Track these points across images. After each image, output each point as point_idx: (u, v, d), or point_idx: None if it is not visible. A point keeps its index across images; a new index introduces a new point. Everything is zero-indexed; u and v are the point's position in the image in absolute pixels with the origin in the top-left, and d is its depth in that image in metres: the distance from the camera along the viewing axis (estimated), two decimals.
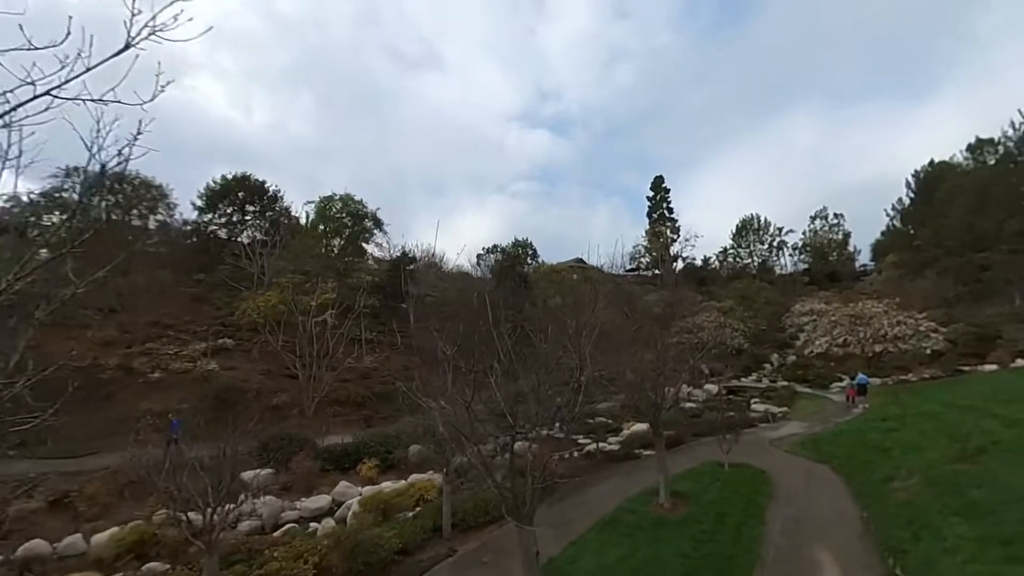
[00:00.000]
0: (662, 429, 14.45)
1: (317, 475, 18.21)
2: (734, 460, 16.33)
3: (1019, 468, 10.98)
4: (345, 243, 43.75)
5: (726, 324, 40.47)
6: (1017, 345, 29.67)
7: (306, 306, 26.93)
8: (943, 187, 45.30)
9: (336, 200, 43.90)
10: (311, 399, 24.96)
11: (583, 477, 17.17)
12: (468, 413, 6.12)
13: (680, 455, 18.86)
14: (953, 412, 18.00)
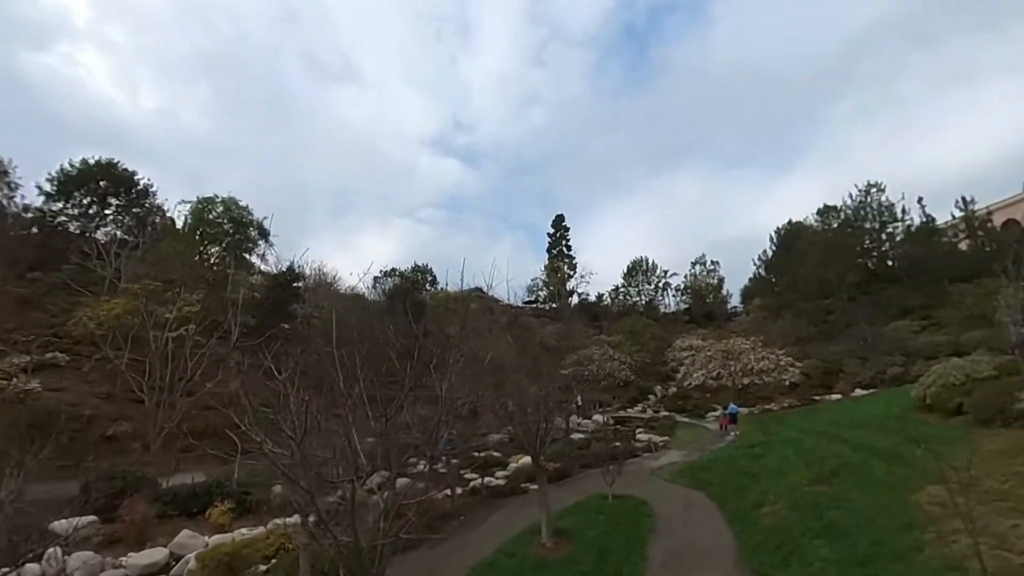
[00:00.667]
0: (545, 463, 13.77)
1: (155, 522, 15.03)
2: (618, 491, 16.06)
3: (866, 489, 11.66)
4: (223, 252, 38.88)
5: (614, 357, 41.74)
6: (856, 377, 33.59)
7: (162, 319, 23.12)
8: (798, 243, 51.67)
9: (217, 203, 38.94)
10: (158, 429, 21.25)
11: (466, 516, 15.94)
12: (301, 451, 4.85)
13: (567, 488, 18.33)
14: (810, 438, 19.36)
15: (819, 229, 51.83)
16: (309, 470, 4.84)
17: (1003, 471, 10.07)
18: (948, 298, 40.38)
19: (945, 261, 43.46)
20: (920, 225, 46.46)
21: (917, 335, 37.06)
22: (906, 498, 10.46)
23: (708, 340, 44.28)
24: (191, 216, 38.78)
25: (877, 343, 36.95)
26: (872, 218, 48.03)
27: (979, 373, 15.75)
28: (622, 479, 16.88)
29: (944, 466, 11.21)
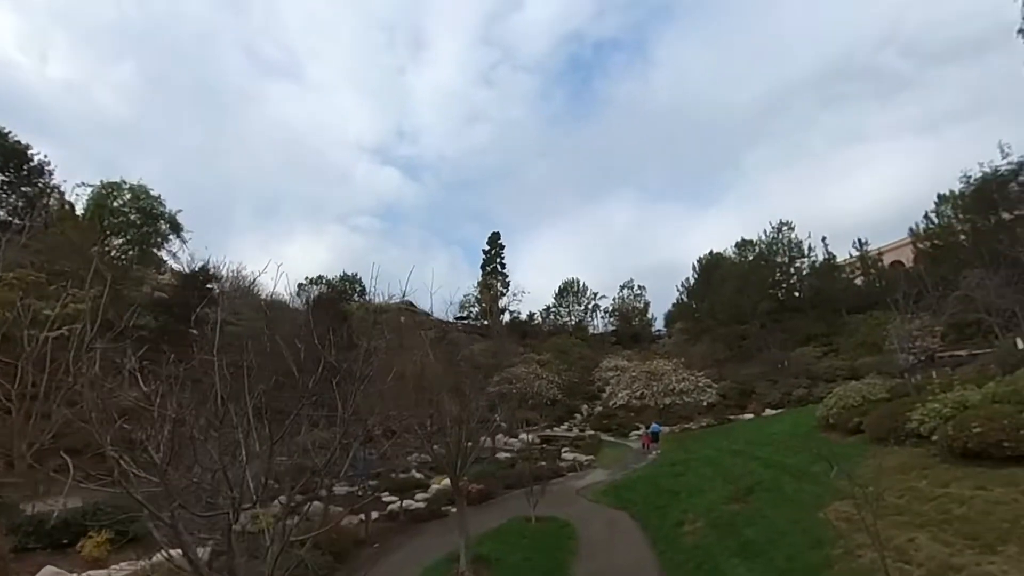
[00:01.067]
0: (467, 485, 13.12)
1: (12, 558, 12.64)
2: (542, 513, 15.66)
3: (779, 506, 12.00)
4: (128, 245, 34.74)
5: (542, 375, 41.78)
6: (766, 398, 35.59)
7: (40, 315, 20.05)
8: (717, 272, 54.90)
9: (124, 190, 34.63)
10: (27, 444, 18.26)
11: (380, 543, 14.87)
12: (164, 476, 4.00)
13: (490, 510, 17.71)
14: (726, 456, 20.02)
15: (736, 260, 55.38)
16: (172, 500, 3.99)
17: (899, 486, 10.66)
18: (845, 327, 44.19)
19: (843, 294, 47.68)
20: (823, 261, 50.80)
21: (819, 360, 40.04)
22: (815, 514, 10.81)
23: (633, 361, 45.46)
24: (92, 202, 34.24)
25: (785, 367, 39.50)
26: (783, 253, 51.93)
27: (874, 395, 16.99)
28: (547, 500, 16.54)
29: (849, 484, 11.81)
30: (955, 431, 10.68)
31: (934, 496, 9.71)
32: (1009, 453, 9.70)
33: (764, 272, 50.94)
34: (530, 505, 15.39)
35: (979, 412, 10.80)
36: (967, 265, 37.01)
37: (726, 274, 52.99)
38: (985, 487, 9.33)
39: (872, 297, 46.05)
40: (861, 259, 50.84)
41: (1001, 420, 10.08)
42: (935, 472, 10.72)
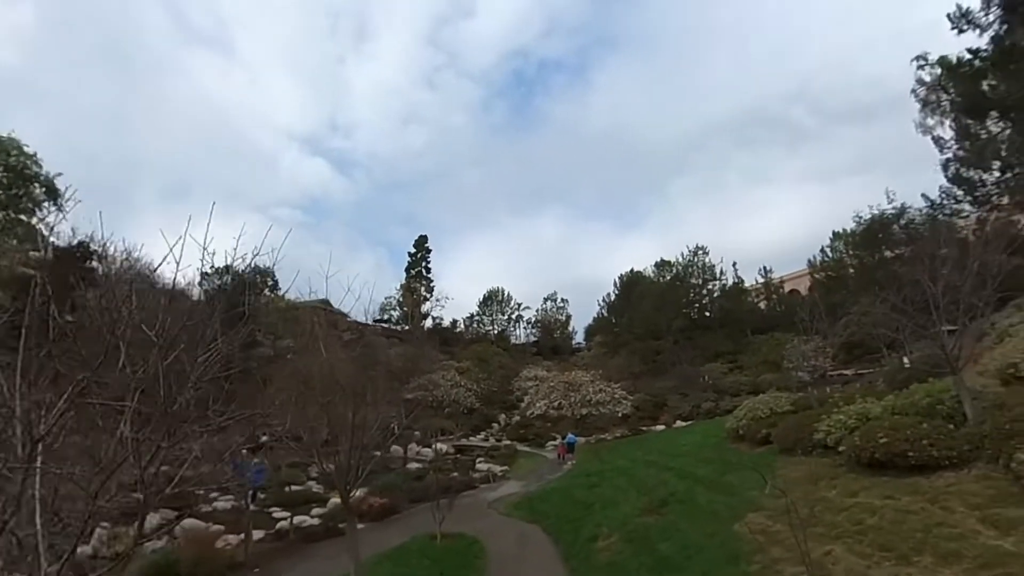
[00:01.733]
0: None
1: None
2: (450, 529, 14.33)
3: (694, 519, 11.55)
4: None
5: (461, 383, 40.42)
6: (677, 410, 36.49)
7: None
8: (637, 289, 56.53)
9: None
10: None
11: (261, 567, 12.84)
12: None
13: (393, 527, 16.13)
14: (640, 467, 19.76)
15: (655, 279, 57.28)
16: None
17: (810, 496, 10.51)
18: (749, 346, 46.80)
19: (749, 316, 50.78)
20: (732, 285, 53.96)
21: (726, 375, 41.91)
22: (731, 527, 10.39)
23: (552, 372, 45.33)
24: None
25: (695, 381, 40.92)
26: (697, 275, 54.54)
27: (780, 408, 17.42)
28: (456, 514, 15.23)
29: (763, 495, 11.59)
30: (862, 441, 10.74)
31: (845, 506, 9.56)
32: (913, 462, 9.78)
33: (680, 292, 53.15)
34: (436, 521, 14.02)
35: (883, 423, 10.96)
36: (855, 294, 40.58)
37: (645, 291, 54.69)
38: (893, 496, 9.30)
39: (774, 320, 49.37)
40: (765, 285, 54.49)
41: (904, 431, 10.22)
42: (843, 482, 10.70)
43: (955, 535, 7.60)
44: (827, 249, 48.97)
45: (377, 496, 18.38)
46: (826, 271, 47.77)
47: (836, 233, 48.64)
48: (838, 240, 48.20)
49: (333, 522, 16.74)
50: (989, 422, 9.81)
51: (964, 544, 7.34)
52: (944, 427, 10.42)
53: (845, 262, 46.96)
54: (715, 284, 53.94)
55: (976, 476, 9.19)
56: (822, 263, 48.83)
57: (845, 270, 46.31)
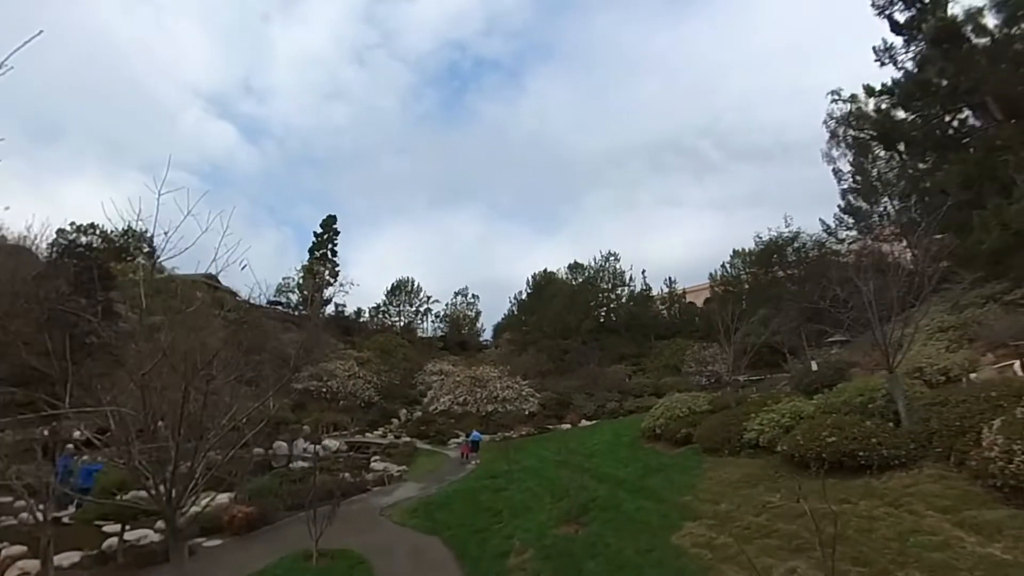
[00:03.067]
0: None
1: None
2: (331, 544, 11.50)
3: (622, 530, 9.82)
4: None
5: (359, 375, 36.76)
6: (583, 409, 35.78)
7: None
8: (549, 289, 55.83)
9: None
10: None
11: None
12: None
13: (260, 543, 12.89)
14: (550, 467, 18.04)
15: (567, 281, 56.98)
16: None
17: (752, 502, 9.23)
18: (652, 350, 47.76)
19: (653, 322, 52.08)
20: (640, 292, 54.94)
21: (630, 377, 42.17)
22: (668, 539, 8.76)
23: (459, 366, 42.96)
24: None
25: (601, 381, 40.64)
26: (608, 280, 54.99)
27: (699, 407, 16.56)
28: (342, 524, 12.40)
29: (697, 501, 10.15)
30: (805, 441, 9.67)
31: (797, 513, 8.25)
32: (862, 462, 8.79)
33: (590, 294, 53.22)
34: (312, 536, 11.13)
35: (824, 422, 9.98)
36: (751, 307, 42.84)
37: (557, 291, 54.15)
38: (848, 500, 8.17)
39: (676, 327, 51.00)
40: (670, 294, 56.22)
41: (851, 429, 9.26)
42: (786, 484, 9.52)
43: (937, 543, 6.44)
44: (727, 265, 51.57)
45: (244, 504, 14.87)
46: (725, 285, 50.13)
47: (736, 251, 51.46)
48: (737, 257, 50.93)
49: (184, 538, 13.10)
50: (935, 420, 9.08)
51: (951, 554, 6.16)
52: (885, 426, 9.62)
53: (742, 278, 49.78)
54: (624, 290, 54.76)
55: (930, 476, 8.31)
56: (722, 277, 51.24)
57: (741, 285, 49.00)
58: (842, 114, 28.04)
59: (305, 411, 34.67)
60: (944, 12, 20.62)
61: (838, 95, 27.73)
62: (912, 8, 21.94)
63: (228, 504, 14.72)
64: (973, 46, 20.30)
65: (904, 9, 22.29)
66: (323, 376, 35.51)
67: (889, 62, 23.53)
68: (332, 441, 30.41)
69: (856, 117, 27.07)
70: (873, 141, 26.44)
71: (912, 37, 22.57)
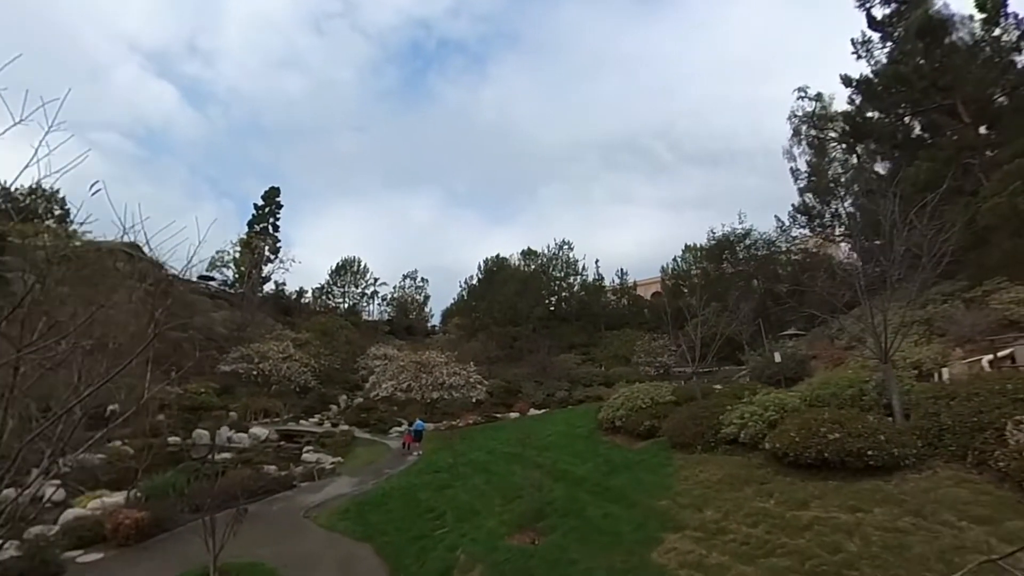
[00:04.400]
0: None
1: None
2: (241, 555, 9.25)
3: (589, 542, 8.16)
4: None
5: (295, 357, 33.61)
6: (532, 398, 34.32)
7: None
8: (500, 275, 53.87)
9: None
10: None
11: None
12: None
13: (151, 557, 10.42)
14: (500, 462, 16.31)
15: (520, 267, 55.31)
16: None
17: (742, 509, 7.78)
18: (602, 340, 47.00)
19: (604, 312, 51.22)
20: (592, 281, 54.02)
21: (579, 366, 41.12)
22: (647, 557, 7.15)
23: (404, 351, 40.43)
24: None
25: (550, 370, 39.36)
26: (560, 268, 53.77)
27: (662, 398, 15.24)
28: (261, 527, 10.20)
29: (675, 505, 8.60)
30: (802, 437, 8.32)
31: (802, 523, 6.87)
32: (871, 463, 7.50)
33: (543, 281, 51.82)
34: (209, 550, 8.80)
35: (822, 415, 8.69)
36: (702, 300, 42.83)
37: (509, 277, 52.37)
38: (861, 507, 6.83)
39: (626, 318, 50.51)
40: (621, 286, 55.72)
41: (853, 424, 7.99)
42: (779, 487, 8.17)
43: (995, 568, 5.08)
44: (678, 259, 51.57)
45: (135, 507, 12.14)
46: (676, 278, 50.10)
47: (687, 246, 51.55)
48: (689, 252, 51.03)
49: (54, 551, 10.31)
50: (945, 414, 7.94)
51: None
52: (886, 421, 8.44)
53: (691, 273, 49.94)
54: (576, 279, 53.67)
55: (948, 479, 7.12)
56: (673, 271, 51.21)
57: (691, 279, 49.14)
58: (805, 113, 27.82)
59: (232, 396, 31.24)
60: (927, 7, 20.35)
61: (804, 92, 27.42)
62: (891, 4, 21.63)
63: (116, 509, 12.00)
64: (953, 43, 20.15)
65: (884, 4, 21.97)
66: (254, 358, 32.11)
67: (865, 56, 23.25)
68: (261, 429, 27.35)
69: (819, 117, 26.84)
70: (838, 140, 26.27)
71: (888, 34, 22.30)
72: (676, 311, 48.05)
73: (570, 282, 53.75)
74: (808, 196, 30.60)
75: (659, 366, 38.32)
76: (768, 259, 40.22)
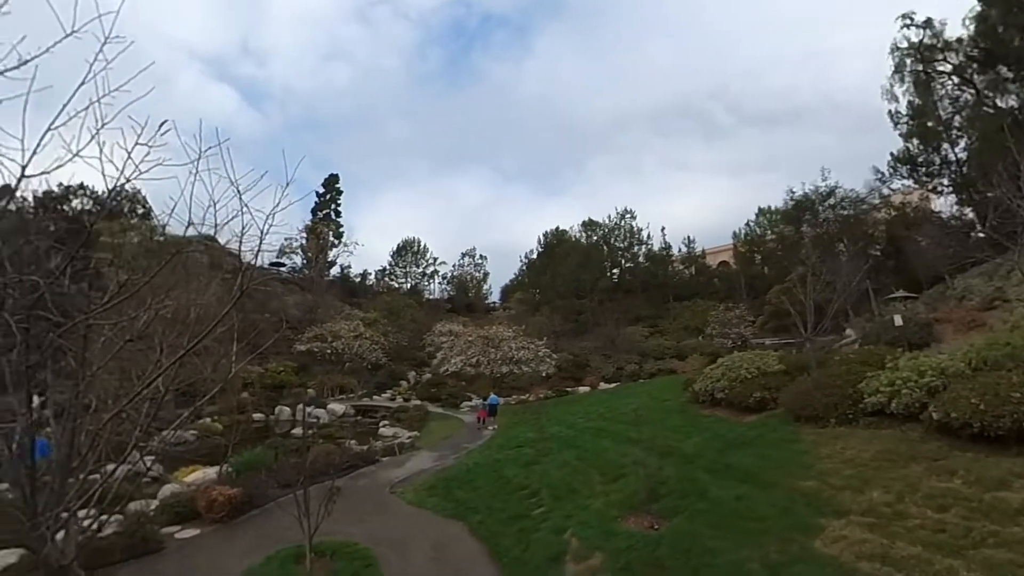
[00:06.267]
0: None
1: None
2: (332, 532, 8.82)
3: (723, 528, 7.00)
4: None
5: (365, 335, 34.04)
6: (601, 371, 33.15)
7: None
8: (561, 248, 52.43)
9: None
10: None
11: None
12: None
13: (244, 534, 10.25)
14: (587, 436, 15.33)
15: (580, 239, 53.62)
16: None
17: (919, 490, 6.34)
18: (670, 311, 44.80)
19: (672, 282, 48.74)
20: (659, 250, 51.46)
21: (647, 339, 39.37)
22: (810, 546, 5.92)
23: (469, 327, 40.21)
24: None
25: (618, 343, 37.92)
26: (623, 238, 51.58)
27: (770, 367, 13.63)
28: (347, 503, 9.72)
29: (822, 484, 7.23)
30: (988, 405, 6.71)
31: (1013, 507, 5.39)
32: None
33: (605, 252, 49.90)
34: (304, 531, 8.40)
35: (1009, 379, 6.98)
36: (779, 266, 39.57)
37: (570, 250, 50.81)
38: None
39: (695, 288, 47.86)
40: (689, 255, 52.75)
41: None
42: (959, 464, 6.68)
43: None
44: (751, 224, 48.08)
45: (227, 484, 12.17)
46: (750, 244, 46.78)
47: (761, 209, 47.95)
48: (763, 215, 47.41)
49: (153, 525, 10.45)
50: None
51: None
52: None
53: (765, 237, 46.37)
54: (640, 248, 51.26)
55: None
56: (746, 236, 47.83)
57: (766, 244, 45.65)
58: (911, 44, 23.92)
59: (309, 374, 32.23)
60: None
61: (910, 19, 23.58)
62: None
63: (207, 486, 12.06)
64: None
65: None
66: (327, 337, 32.83)
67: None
68: (338, 405, 28.00)
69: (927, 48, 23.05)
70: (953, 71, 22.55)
71: None
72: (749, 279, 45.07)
73: (634, 252, 51.51)
74: (912, 142, 26.82)
75: (736, 337, 35.93)
76: (854, 219, 36.19)
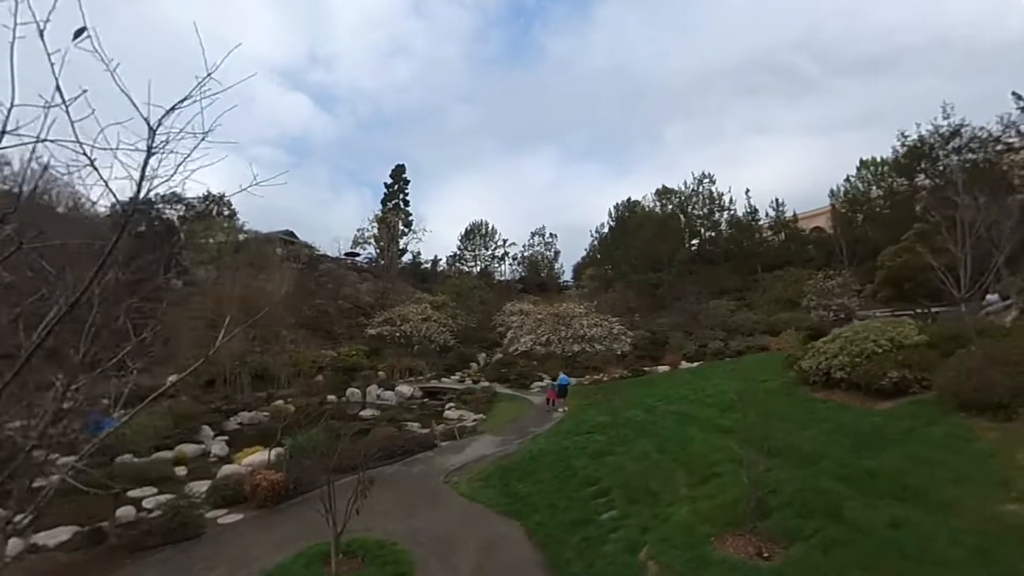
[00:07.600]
0: None
1: None
2: (369, 527, 7.56)
3: (873, 568, 4.67)
4: None
5: (434, 318, 33.37)
6: (682, 349, 30.07)
7: None
8: (634, 219, 48.82)
9: None
10: None
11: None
12: None
13: (284, 523, 9.35)
14: (668, 423, 13.03)
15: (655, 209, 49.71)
16: None
17: None
18: (758, 283, 40.17)
19: (759, 250, 43.71)
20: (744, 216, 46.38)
21: (733, 313, 35.42)
22: None
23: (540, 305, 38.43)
24: None
25: (701, 318, 34.42)
26: (702, 205, 47.08)
27: (907, 338, 10.52)
28: (396, 492, 8.49)
29: None
30: None
31: None
32: None
33: (682, 222, 45.77)
34: (330, 528, 7.14)
35: None
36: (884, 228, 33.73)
37: (644, 220, 47.12)
38: None
39: (786, 256, 42.47)
40: (778, 220, 47.00)
41: None
42: None
43: None
44: (851, 179, 41.65)
45: (273, 468, 11.42)
46: (850, 203, 40.60)
47: (863, 161, 41.28)
48: (865, 168, 40.85)
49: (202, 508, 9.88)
50: None
51: None
52: None
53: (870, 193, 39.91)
54: (722, 215, 46.45)
55: None
56: (845, 194, 41.59)
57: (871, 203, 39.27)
58: None
59: (380, 357, 32.20)
60: None
61: None
62: None
63: (252, 472, 11.37)
64: None
65: None
66: (396, 320, 32.55)
67: None
68: (407, 387, 27.53)
69: None
70: None
71: None
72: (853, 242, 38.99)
73: (715, 220, 46.82)
74: None
75: (839, 308, 31.09)
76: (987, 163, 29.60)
